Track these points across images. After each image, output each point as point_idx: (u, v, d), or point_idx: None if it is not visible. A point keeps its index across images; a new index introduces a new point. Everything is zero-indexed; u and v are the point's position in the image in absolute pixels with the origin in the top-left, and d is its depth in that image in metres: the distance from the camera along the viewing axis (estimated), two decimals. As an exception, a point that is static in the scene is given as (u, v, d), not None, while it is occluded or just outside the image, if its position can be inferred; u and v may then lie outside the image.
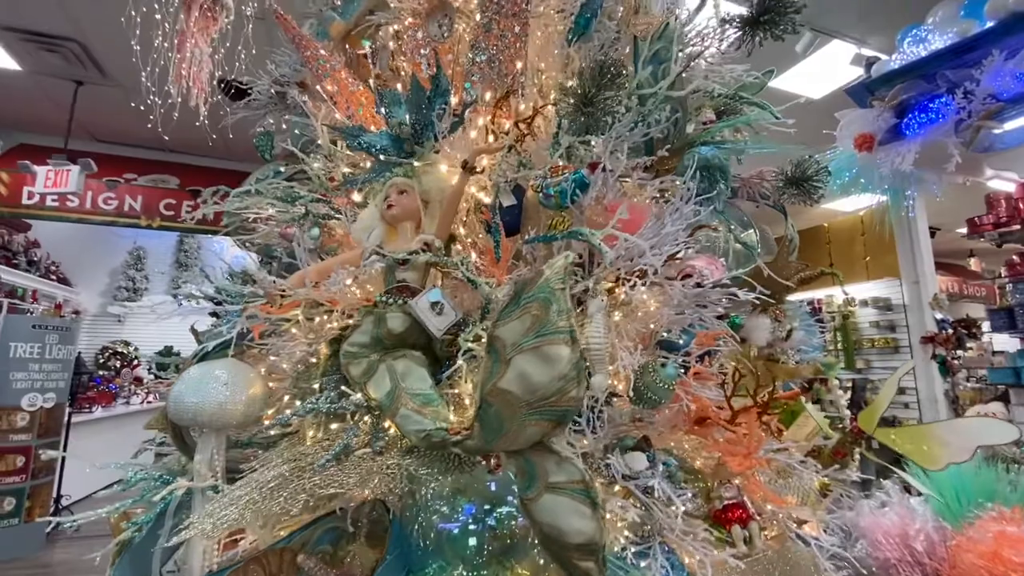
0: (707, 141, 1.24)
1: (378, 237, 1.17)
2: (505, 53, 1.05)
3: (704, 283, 0.97)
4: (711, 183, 1.18)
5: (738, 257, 1.24)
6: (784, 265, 1.35)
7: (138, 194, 5.56)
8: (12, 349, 4.60)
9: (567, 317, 0.83)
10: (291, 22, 1.31)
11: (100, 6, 3.62)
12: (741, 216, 1.38)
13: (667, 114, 1.15)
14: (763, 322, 1.31)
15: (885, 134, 2.65)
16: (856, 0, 3.58)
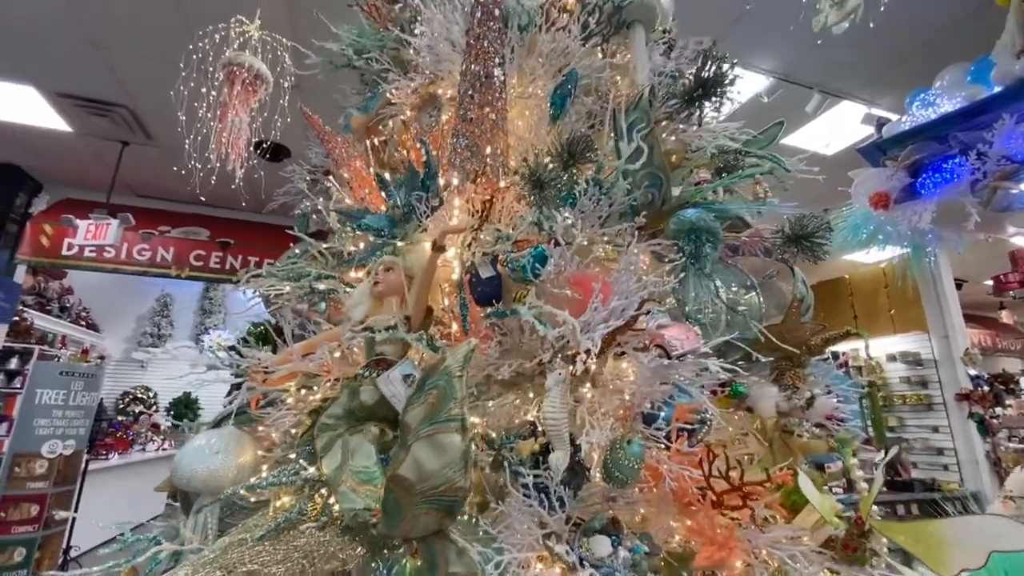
0: (698, 202, 1.21)
1: (364, 312, 1.24)
2: (481, 139, 1.11)
3: (673, 354, 0.93)
4: (697, 246, 1.13)
5: (734, 321, 1.18)
6: (795, 326, 1.23)
7: (170, 245, 5.80)
8: (38, 396, 4.70)
9: (460, 405, 0.85)
10: (316, 120, 1.43)
11: (151, 77, 3.93)
12: (742, 278, 1.28)
13: (647, 180, 1.15)
14: (769, 390, 1.21)
15: (900, 193, 2.66)
16: (864, 64, 3.70)
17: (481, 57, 1.10)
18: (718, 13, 3.30)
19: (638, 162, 1.15)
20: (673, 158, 1.38)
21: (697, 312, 1.14)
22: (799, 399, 1.22)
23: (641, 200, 1.17)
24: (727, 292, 1.22)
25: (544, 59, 1.27)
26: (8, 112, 4.56)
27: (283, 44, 2.40)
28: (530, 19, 1.26)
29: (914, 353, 6.25)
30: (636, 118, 1.17)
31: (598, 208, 1.09)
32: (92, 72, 3.94)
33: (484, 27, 1.11)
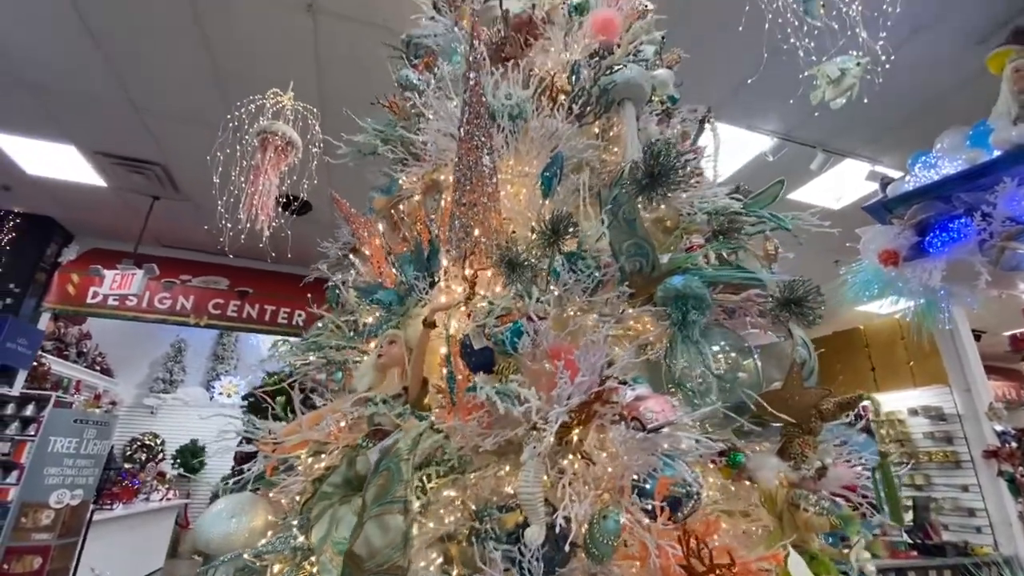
0: (687, 268, 1.20)
1: (368, 383, 1.31)
2: (474, 220, 1.20)
3: (648, 427, 0.90)
4: (683, 313, 1.12)
5: (725, 389, 1.13)
6: (798, 392, 1.13)
7: (191, 294, 5.96)
8: (51, 443, 4.71)
9: (405, 487, 0.92)
10: (344, 203, 1.56)
11: (186, 138, 4.18)
12: (739, 342, 1.23)
13: (633, 250, 1.18)
14: (768, 460, 1.11)
15: (909, 251, 2.70)
16: (865, 125, 3.83)
17: (470, 149, 1.21)
18: (722, 82, 3.48)
19: (623, 233, 1.18)
20: (668, 223, 1.40)
21: (685, 380, 1.10)
22: (808, 469, 1.13)
23: (630, 268, 1.19)
24: (725, 357, 1.18)
25: (535, 143, 1.36)
26: (49, 168, 4.84)
27: (312, 112, 2.57)
28: (520, 110, 1.35)
29: (936, 407, 6.08)
30: (619, 192, 1.22)
31: (581, 280, 1.13)
32: (131, 133, 4.21)
33: (472, 124, 1.22)
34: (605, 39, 1.55)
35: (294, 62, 3.16)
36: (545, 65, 1.54)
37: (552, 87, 1.45)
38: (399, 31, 2.98)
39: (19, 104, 3.93)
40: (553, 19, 1.64)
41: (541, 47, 1.56)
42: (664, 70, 1.73)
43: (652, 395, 0.97)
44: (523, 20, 1.55)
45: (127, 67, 3.52)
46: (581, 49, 1.56)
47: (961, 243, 2.52)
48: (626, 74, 1.39)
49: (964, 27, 3.08)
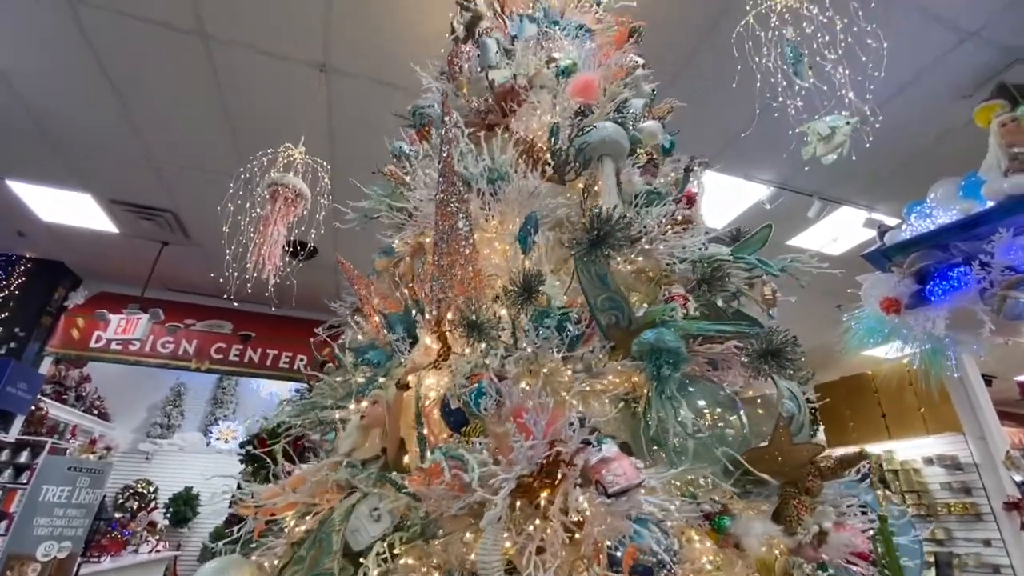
0: (665, 320, 1.17)
1: (350, 444, 1.31)
2: (452, 281, 1.25)
3: (610, 491, 0.86)
4: (657, 368, 1.08)
5: (702, 448, 1.06)
6: (786, 449, 1.04)
7: (194, 338, 5.97)
8: (43, 492, 4.61)
9: (332, 560, 0.94)
10: (348, 266, 1.61)
11: (198, 188, 4.31)
12: (724, 397, 1.17)
13: (607, 305, 1.17)
14: (754, 526, 1.01)
15: (910, 299, 2.71)
16: (858, 174, 3.93)
17: (445, 215, 1.29)
18: (718, 134, 3.60)
19: (595, 288, 1.18)
20: (649, 273, 1.39)
21: (661, 438, 1.04)
22: (804, 534, 1.02)
23: (606, 322, 1.18)
24: (710, 413, 1.12)
25: (514, 203, 1.40)
26: (64, 215, 4.97)
27: (322, 165, 2.66)
28: (499, 174, 1.40)
29: (951, 456, 5.91)
30: (587, 248, 1.21)
31: (551, 337, 1.13)
32: (146, 182, 4.35)
33: (446, 191, 1.30)
34: (584, 100, 1.60)
35: (306, 117, 3.31)
36: (531, 127, 1.59)
37: (533, 149, 1.49)
38: (409, 88, 3.14)
39: (40, 156, 4.08)
40: (536, 83, 1.70)
41: (528, 110, 1.62)
42: (652, 122, 1.76)
43: (618, 456, 0.92)
44: (506, 89, 1.62)
45: (146, 120, 3.68)
46: (562, 111, 1.61)
47: (962, 291, 2.53)
48: (600, 133, 1.43)
49: (948, 83, 3.21)
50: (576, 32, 2.04)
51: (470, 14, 1.94)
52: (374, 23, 2.87)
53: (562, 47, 1.89)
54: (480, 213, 1.42)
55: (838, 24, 2.04)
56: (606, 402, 1.18)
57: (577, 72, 1.71)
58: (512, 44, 1.87)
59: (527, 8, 2.22)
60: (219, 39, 2.99)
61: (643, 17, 2.73)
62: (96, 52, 3.12)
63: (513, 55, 1.80)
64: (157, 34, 2.98)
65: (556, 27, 2.00)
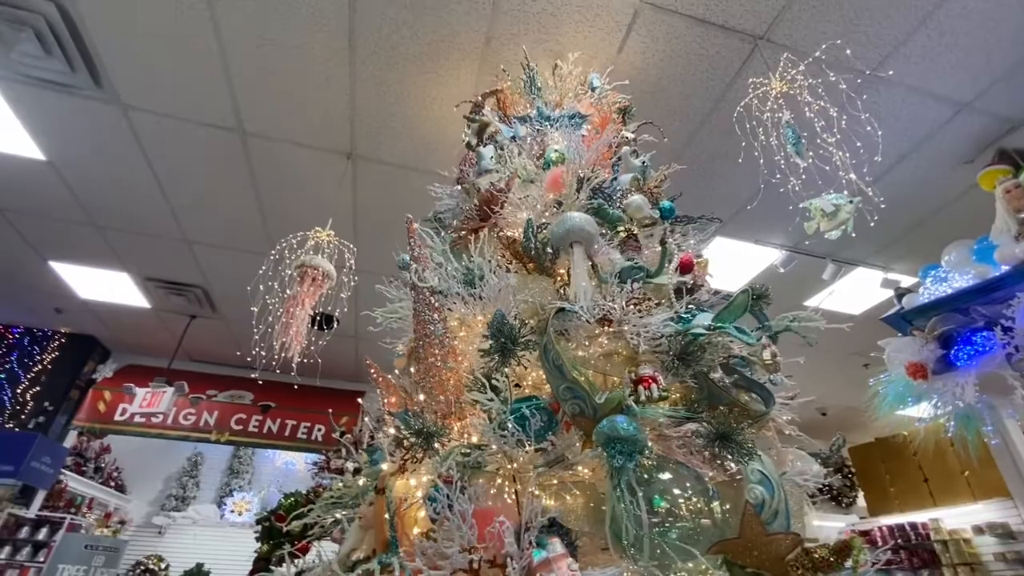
0: (628, 405, 1.13)
1: (351, 544, 1.37)
2: (432, 382, 1.38)
3: None
4: (622, 458, 1.02)
5: (677, 540, 1.00)
6: (758, 539, 0.94)
7: (215, 410, 6.02)
8: (59, 572, 4.54)
9: None
10: (374, 366, 1.70)
11: (228, 266, 4.53)
12: (696, 484, 1.10)
13: (568, 395, 1.16)
14: None
15: (936, 364, 2.67)
16: (870, 236, 3.98)
17: (420, 323, 1.45)
18: (725, 203, 3.72)
19: (555, 378, 1.18)
20: (623, 353, 1.36)
21: (617, 533, 0.98)
22: None
23: (571, 412, 1.15)
24: (686, 503, 1.06)
25: (491, 300, 1.48)
26: (101, 293, 5.21)
27: (348, 247, 2.80)
28: (474, 275, 1.49)
29: (1002, 524, 5.51)
30: (546, 340, 1.21)
31: (510, 434, 1.14)
32: (180, 261, 4.58)
33: (421, 304, 1.47)
34: (556, 193, 1.69)
35: (333, 200, 3.52)
36: (515, 225, 1.69)
37: (515, 244, 1.57)
38: (427, 170, 3.35)
39: (83, 239, 4.36)
40: (518, 183, 1.81)
41: (513, 209, 1.72)
42: (637, 197, 1.79)
43: (557, 558, 0.91)
44: (487, 196, 1.73)
45: (185, 207, 3.94)
46: (543, 205, 1.70)
47: (988, 356, 2.49)
48: (564, 224, 1.48)
49: (947, 151, 3.32)
50: (569, 122, 2.18)
51: (476, 124, 2.11)
52: (395, 113, 3.11)
53: (554, 140, 2.02)
54: (467, 312, 1.51)
55: (832, 112, 2.17)
56: (577, 495, 1.16)
57: (563, 162, 1.81)
58: (511, 147, 2.02)
59: (526, 108, 2.40)
60: (256, 135, 3.27)
61: (649, 95, 2.92)
62: (143, 148, 3.41)
63: (504, 159, 1.93)
64: (200, 132, 3.27)
65: (547, 122, 2.14)
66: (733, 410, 1.25)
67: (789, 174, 2.24)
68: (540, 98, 2.37)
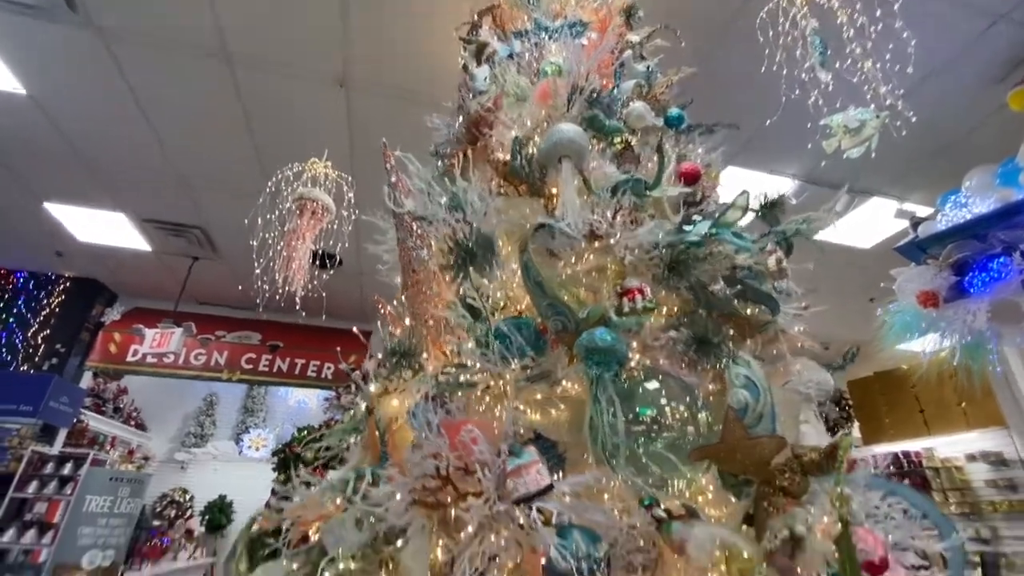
0: (608, 319, 1.10)
1: (352, 463, 1.41)
2: (416, 301, 1.41)
3: (513, 497, 0.88)
4: (599, 368, 1.01)
5: (634, 451, 0.99)
6: (740, 444, 0.92)
7: (224, 350, 6.12)
8: (87, 502, 4.78)
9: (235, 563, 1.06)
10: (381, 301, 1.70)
11: (226, 204, 4.43)
12: (688, 394, 1.08)
13: (550, 312, 1.14)
14: (697, 531, 0.89)
15: (949, 292, 2.62)
16: (889, 164, 3.83)
17: (406, 252, 1.47)
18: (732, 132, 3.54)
19: (538, 296, 1.16)
20: (614, 268, 1.31)
21: (596, 441, 0.98)
22: (771, 540, 0.85)
23: (555, 329, 1.14)
24: (672, 411, 1.03)
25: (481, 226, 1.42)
26: (98, 235, 5.16)
27: (347, 180, 2.70)
28: (460, 199, 1.41)
29: (996, 452, 5.68)
30: (526, 257, 1.17)
31: (492, 353, 1.13)
32: (176, 200, 4.49)
33: (403, 231, 1.48)
34: (545, 106, 1.56)
35: (328, 133, 3.37)
36: (505, 145, 1.57)
37: (502, 168, 1.47)
38: (428, 100, 3.18)
39: (76, 178, 4.25)
40: (507, 101, 1.67)
41: (502, 130, 1.59)
42: (638, 104, 1.67)
43: (529, 464, 0.92)
44: (475, 117, 1.64)
45: (174, 141, 3.80)
46: (534, 122, 1.57)
47: (1003, 282, 2.43)
48: (551, 138, 1.37)
49: (979, 69, 3.11)
50: (569, 31, 1.99)
51: (474, 45, 1.95)
52: (389, 36, 2.91)
53: (552, 52, 1.85)
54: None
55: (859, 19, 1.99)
56: (562, 408, 1.16)
57: (560, 75, 1.66)
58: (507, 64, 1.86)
59: (526, 22, 2.20)
60: (241, 58, 3.08)
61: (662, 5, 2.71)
62: (126, 78, 3.24)
63: (497, 79, 1.79)
64: (185, 61, 3.08)
65: (545, 34, 1.97)
66: (734, 321, 1.20)
67: (811, 89, 2.10)
68: (538, 8, 2.18)
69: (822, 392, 1.27)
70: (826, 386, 1.28)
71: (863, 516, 1.00)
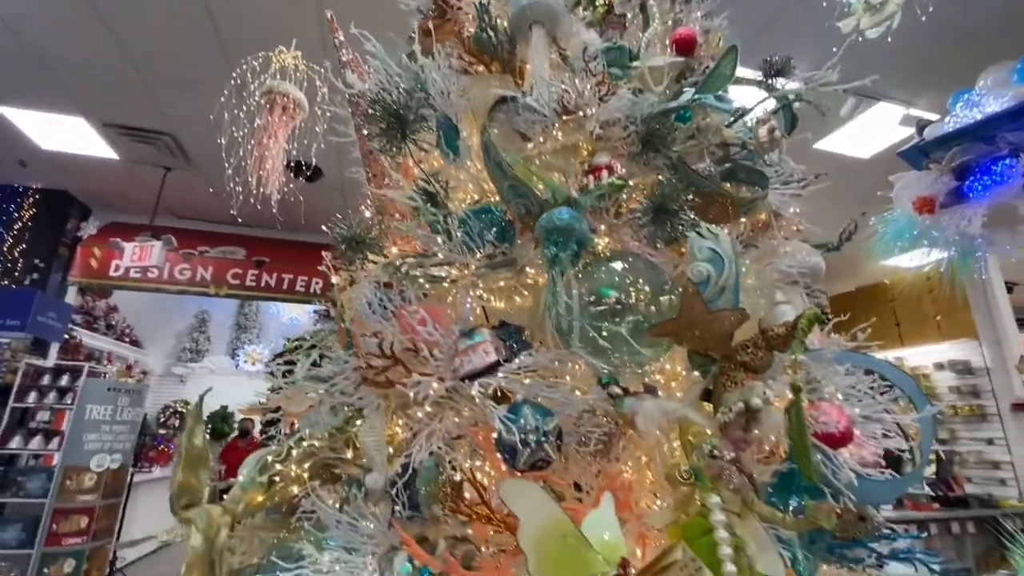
0: (571, 199, 1.04)
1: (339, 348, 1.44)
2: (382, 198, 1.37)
3: (460, 373, 0.90)
4: (555, 248, 0.97)
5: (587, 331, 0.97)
6: (700, 318, 0.86)
7: (209, 265, 6.03)
8: (88, 411, 4.90)
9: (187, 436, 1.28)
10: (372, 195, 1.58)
11: (193, 106, 4.11)
12: (654, 276, 1.01)
13: (511, 194, 1.07)
14: (647, 404, 0.88)
15: (947, 197, 2.55)
16: (899, 66, 3.60)
17: (363, 139, 1.41)
18: (745, 23, 3.26)
19: (499, 178, 1.08)
20: (586, 147, 1.20)
21: (553, 322, 0.97)
22: (725, 413, 0.83)
23: (518, 212, 1.08)
24: (637, 293, 0.98)
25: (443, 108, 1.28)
26: (60, 142, 4.84)
27: (319, 72, 2.48)
28: (421, 78, 1.27)
29: (963, 361, 5.96)
30: (486, 136, 1.08)
31: (450, 242, 1.09)
32: (137, 102, 4.16)
33: (359, 117, 1.43)
34: None
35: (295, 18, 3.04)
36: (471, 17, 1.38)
37: (469, 43, 1.31)
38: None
39: (28, 77, 3.90)
40: None
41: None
42: None
43: (480, 344, 0.93)
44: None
45: (130, 34, 3.44)
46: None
47: (1004, 186, 2.37)
48: (518, 2, 1.22)
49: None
50: None
51: None
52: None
53: None
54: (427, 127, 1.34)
55: None
56: (526, 295, 1.14)
57: None
58: None
59: None
60: (192, -72, 2.70)
61: None
62: (61, -49, 2.85)
63: None
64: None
65: None
66: (718, 201, 1.12)
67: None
68: None
69: (807, 273, 1.24)
70: (812, 267, 1.24)
71: (829, 390, 0.98)
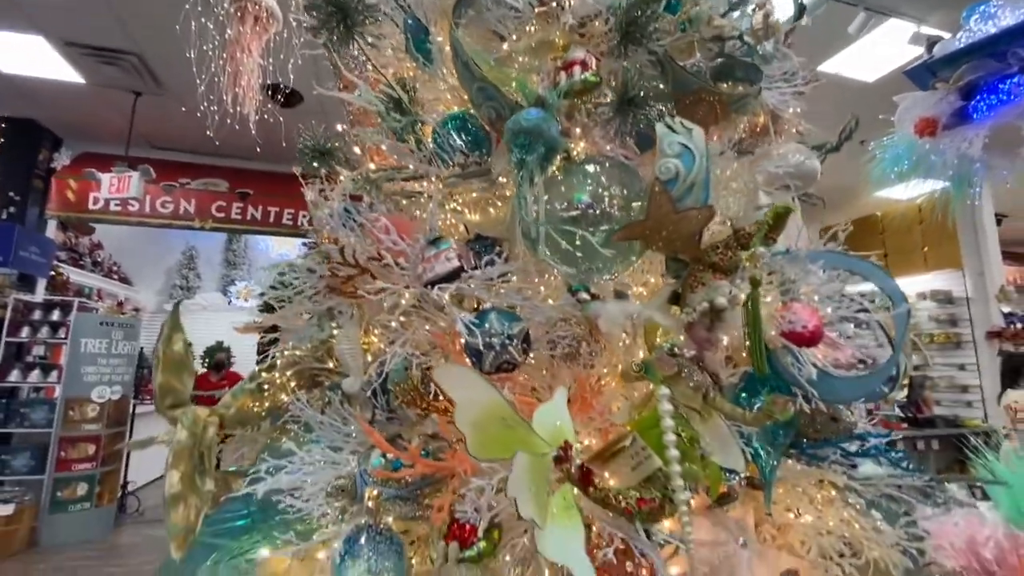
0: (542, 100, 0.95)
1: None
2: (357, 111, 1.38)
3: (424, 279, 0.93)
4: (521, 151, 0.91)
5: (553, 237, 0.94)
6: (668, 218, 0.81)
7: (191, 198, 5.85)
8: (83, 344, 4.94)
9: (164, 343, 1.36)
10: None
11: (155, 20, 3.81)
12: (628, 180, 0.96)
13: (480, 97, 0.99)
14: (610, 307, 0.87)
15: (950, 118, 2.46)
16: (915, -25, 3.38)
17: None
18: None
19: (466, 80, 1.01)
20: (561, 44, 1.09)
21: (522, 227, 0.95)
22: (689, 313, 0.82)
23: (488, 117, 1.00)
24: (609, 197, 0.93)
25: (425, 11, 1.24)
26: (20, 64, 4.52)
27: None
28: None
29: (945, 291, 6.10)
30: (453, 35, 1.00)
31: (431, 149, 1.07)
32: (98, 18, 3.85)
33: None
34: None
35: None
36: None
37: None
38: None
39: (-31, -14, 3.56)
40: None
41: None
42: None
43: (444, 251, 0.95)
44: None
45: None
46: None
47: (1011, 105, 2.30)
48: None
49: None
50: None
51: None
52: None
53: None
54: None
55: None
56: (500, 206, 1.12)
57: None
58: None
59: None
60: None
61: None
62: None
63: None
64: None
65: None
66: (705, 99, 1.04)
67: None
68: None
69: (797, 175, 1.20)
70: (804, 169, 1.21)
71: (805, 290, 0.98)
